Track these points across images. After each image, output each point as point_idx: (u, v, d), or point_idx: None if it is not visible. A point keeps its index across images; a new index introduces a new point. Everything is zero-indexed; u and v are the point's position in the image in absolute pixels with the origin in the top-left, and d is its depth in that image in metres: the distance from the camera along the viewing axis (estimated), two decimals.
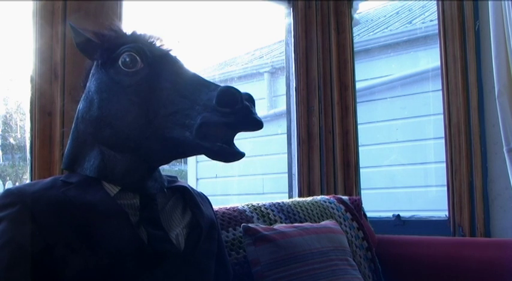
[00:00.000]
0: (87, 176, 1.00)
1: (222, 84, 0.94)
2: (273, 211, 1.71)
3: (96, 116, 1.00)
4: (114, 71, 1.00)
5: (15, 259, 0.86)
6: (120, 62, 1.00)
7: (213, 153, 0.92)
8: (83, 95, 1.07)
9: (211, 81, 0.98)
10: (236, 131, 0.93)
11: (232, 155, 0.93)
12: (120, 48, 1.01)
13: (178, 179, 1.17)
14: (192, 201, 1.11)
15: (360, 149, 2.54)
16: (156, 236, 0.96)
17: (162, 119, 0.94)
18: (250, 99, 0.92)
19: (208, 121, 0.89)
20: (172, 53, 1.05)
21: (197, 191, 1.19)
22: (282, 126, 2.86)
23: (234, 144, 0.94)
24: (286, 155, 2.55)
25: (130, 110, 0.97)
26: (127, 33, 1.05)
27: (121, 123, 0.97)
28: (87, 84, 1.07)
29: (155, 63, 1.00)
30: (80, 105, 1.06)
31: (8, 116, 1.76)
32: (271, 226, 1.57)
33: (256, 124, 0.92)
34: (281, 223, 1.68)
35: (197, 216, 1.08)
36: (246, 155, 0.94)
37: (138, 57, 0.99)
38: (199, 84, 0.95)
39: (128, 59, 0.99)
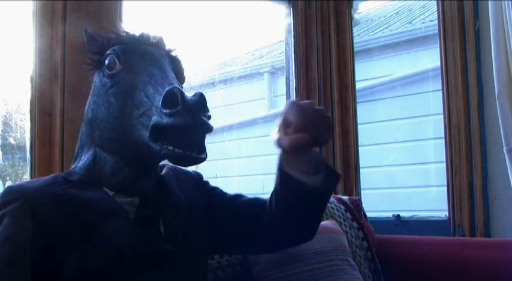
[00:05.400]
0: (86, 175, 1.00)
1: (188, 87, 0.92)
2: None
3: (90, 118, 1.02)
4: (102, 73, 1.02)
5: (16, 254, 0.87)
6: (104, 65, 1.01)
7: (164, 156, 0.90)
8: None
9: (169, 81, 0.94)
10: (184, 133, 0.87)
11: (184, 159, 0.89)
12: (107, 51, 1.01)
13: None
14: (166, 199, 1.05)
15: (360, 149, 2.54)
16: (148, 235, 0.96)
17: (135, 120, 0.93)
18: (198, 101, 0.86)
19: (155, 123, 0.88)
20: (157, 52, 1.03)
21: (169, 173, 1.11)
22: None
23: (197, 147, 0.89)
24: None
25: (111, 112, 0.97)
26: (125, 35, 1.05)
27: (106, 126, 0.98)
28: None
29: (133, 63, 0.99)
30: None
31: (8, 116, 1.76)
32: None
33: (199, 126, 0.87)
34: None
35: (170, 216, 1.03)
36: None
37: (116, 59, 0.99)
38: (159, 84, 0.93)
39: (108, 62, 1.00)
